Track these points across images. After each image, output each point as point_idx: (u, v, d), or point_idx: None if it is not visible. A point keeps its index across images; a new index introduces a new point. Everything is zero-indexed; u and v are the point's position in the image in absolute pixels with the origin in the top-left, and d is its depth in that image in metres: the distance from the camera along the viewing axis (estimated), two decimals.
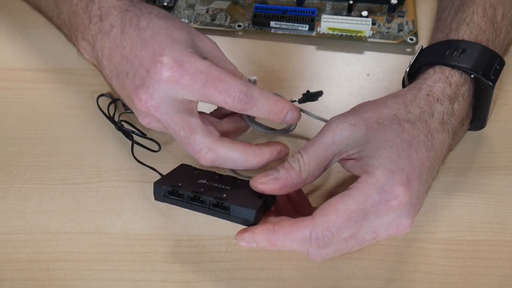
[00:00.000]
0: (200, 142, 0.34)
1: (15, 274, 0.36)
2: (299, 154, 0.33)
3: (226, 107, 0.33)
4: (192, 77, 0.32)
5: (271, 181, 0.32)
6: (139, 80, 0.33)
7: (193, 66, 0.32)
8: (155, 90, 0.32)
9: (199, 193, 0.32)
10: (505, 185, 0.39)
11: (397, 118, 0.33)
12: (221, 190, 0.33)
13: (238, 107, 0.33)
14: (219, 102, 0.33)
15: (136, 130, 0.40)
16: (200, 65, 0.32)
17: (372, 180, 0.30)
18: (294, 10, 0.49)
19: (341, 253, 0.32)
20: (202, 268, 0.36)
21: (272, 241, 0.30)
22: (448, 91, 0.35)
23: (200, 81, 0.32)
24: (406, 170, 0.30)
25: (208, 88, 0.32)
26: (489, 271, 0.35)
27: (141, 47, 0.33)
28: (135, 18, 0.35)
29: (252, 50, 0.49)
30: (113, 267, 0.36)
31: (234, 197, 0.32)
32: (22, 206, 0.39)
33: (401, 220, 0.31)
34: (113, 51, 0.35)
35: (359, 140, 0.32)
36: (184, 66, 0.32)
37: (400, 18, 0.50)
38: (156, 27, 0.34)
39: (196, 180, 0.34)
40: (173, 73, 0.32)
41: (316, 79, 0.47)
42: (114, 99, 0.43)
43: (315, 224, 0.30)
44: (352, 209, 0.29)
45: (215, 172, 0.36)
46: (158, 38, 0.33)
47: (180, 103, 0.33)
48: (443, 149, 0.33)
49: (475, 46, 0.36)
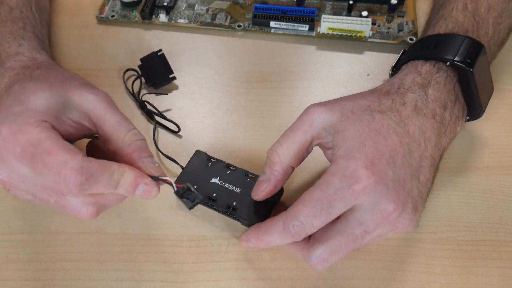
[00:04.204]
0: (75, 202, 0.31)
1: (15, 274, 0.36)
2: (278, 143, 0.34)
3: (58, 187, 0.29)
4: (22, 149, 0.29)
5: (264, 187, 0.34)
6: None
7: (24, 137, 0.29)
8: (1, 162, 0.30)
9: (212, 201, 0.36)
10: (505, 185, 0.39)
11: (369, 109, 0.33)
12: (232, 195, 0.36)
13: (74, 190, 0.29)
14: (50, 179, 0.29)
15: (157, 112, 0.43)
16: (32, 137, 0.29)
17: (334, 168, 0.31)
18: (294, 10, 0.49)
19: (338, 255, 0.32)
20: (202, 268, 0.36)
21: (259, 238, 0.33)
22: (418, 80, 0.35)
23: (29, 153, 0.29)
24: (370, 157, 0.31)
25: (36, 163, 0.29)
26: (489, 271, 0.35)
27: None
28: (16, 81, 0.34)
29: (252, 50, 0.49)
30: (113, 267, 0.36)
31: (243, 205, 0.36)
32: (22, 206, 0.39)
33: (382, 206, 0.30)
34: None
35: (335, 126, 0.33)
36: (16, 137, 0.29)
37: (400, 18, 0.50)
38: (20, 92, 0.32)
39: (209, 178, 0.37)
40: (6, 144, 0.29)
41: (316, 79, 0.47)
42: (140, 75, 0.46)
43: (286, 215, 0.32)
44: (316, 197, 0.30)
45: (227, 164, 0.38)
46: (12, 105, 0.31)
47: (33, 171, 0.30)
48: (426, 133, 0.33)
49: (448, 36, 0.37)
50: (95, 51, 0.49)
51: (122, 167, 0.30)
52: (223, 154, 0.41)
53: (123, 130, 0.32)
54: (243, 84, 0.46)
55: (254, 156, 0.41)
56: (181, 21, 0.51)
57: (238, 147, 0.42)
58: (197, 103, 0.45)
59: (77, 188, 0.29)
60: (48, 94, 0.32)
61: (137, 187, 0.31)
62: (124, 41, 0.50)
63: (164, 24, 0.51)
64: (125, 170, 0.30)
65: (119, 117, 0.33)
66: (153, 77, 0.45)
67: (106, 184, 0.30)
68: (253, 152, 0.42)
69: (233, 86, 0.46)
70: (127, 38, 0.50)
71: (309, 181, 0.40)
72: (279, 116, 0.44)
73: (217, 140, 0.42)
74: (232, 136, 0.43)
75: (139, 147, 0.32)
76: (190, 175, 0.38)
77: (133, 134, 0.32)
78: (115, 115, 0.32)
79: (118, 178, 0.30)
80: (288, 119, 0.43)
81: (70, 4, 0.53)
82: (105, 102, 0.32)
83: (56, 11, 0.53)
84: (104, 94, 0.33)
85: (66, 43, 0.50)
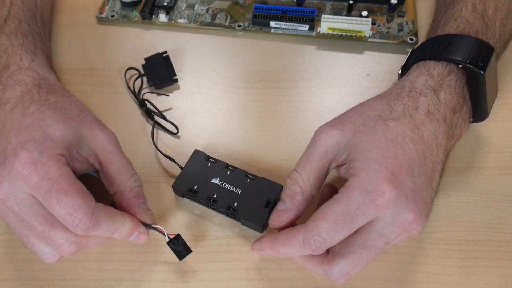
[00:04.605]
0: (60, 237, 0.31)
1: (15, 274, 0.36)
2: (297, 173, 0.33)
3: (65, 224, 0.30)
4: (39, 180, 0.30)
5: (286, 216, 0.33)
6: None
7: (44, 170, 0.30)
8: (5, 179, 0.31)
9: (213, 202, 0.37)
10: (505, 185, 0.39)
11: (381, 118, 0.33)
12: (232, 196, 0.37)
13: (78, 231, 0.30)
14: (59, 215, 0.30)
15: (157, 111, 0.43)
16: (52, 171, 0.30)
17: (355, 182, 0.31)
18: (294, 10, 0.49)
19: (360, 267, 0.32)
20: (202, 268, 0.36)
21: (275, 248, 0.32)
22: (430, 83, 0.35)
23: (46, 187, 0.30)
24: (391, 168, 0.30)
25: (50, 198, 0.30)
26: (489, 271, 0.35)
27: (14, 133, 0.32)
28: (29, 101, 0.34)
29: (252, 50, 0.49)
30: (113, 267, 0.36)
31: (244, 206, 0.36)
32: None
33: (402, 217, 0.30)
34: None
35: (349, 144, 0.32)
36: (36, 167, 0.30)
37: (400, 18, 0.50)
38: (39, 117, 0.33)
39: (209, 178, 0.38)
40: (22, 169, 0.30)
41: (316, 79, 0.47)
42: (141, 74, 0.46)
43: (306, 230, 0.31)
44: (338, 212, 0.30)
45: (226, 165, 0.38)
46: (32, 129, 0.32)
47: (34, 198, 0.31)
48: (438, 139, 0.33)
49: (460, 37, 0.37)
50: (95, 51, 0.49)
51: (124, 217, 0.33)
52: (223, 154, 0.41)
53: (127, 174, 0.34)
54: (243, 84, 0.46)
55: (253, 156, 0.41)
56: (181, 21, 0.51)
57: (237, 147, 0.42)
58: (196, 103, 0.45)
59: (82, 231, 0.30)
60: (67, 126, 0.33)
61: (132, 234, 0.33)
62: (124, 41, 0.50)
63: (164, 24, 0.51)
64: (126, 220, 0.33)
65: (124, 161, 0.35)
66: (155, 77, 0.45)
67: (106, 231, 0.32)
68: (253, 153, 0.41)
69: (233, 86, 0.46)
70: (127, 38, 0.50)
71: None
72: (279, 116, 0.44)
73: (216, 140, 0.42)
74: (231, 136, 0.43)
75: (138, 193, 0.34)
76: (189, 175, 0.38)
77: (134, 180, 0.35)
78: (121, 158, 0.35)
79: (118, 227, 0.32)
80: (288, 119, 0.44)
81: (70, 4, 0.53)
82: (113, 143, 0.35)
83: (56, 10, 0.53)
84: (112, 134, 0.35)
85: (66, 43, 0.50)
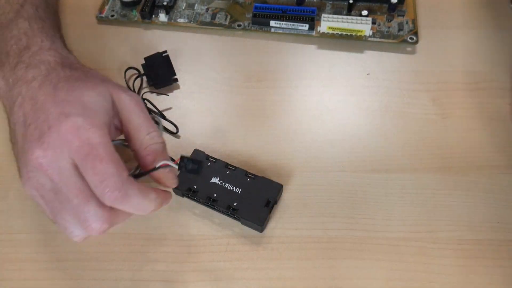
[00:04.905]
0: (94, 212, 0.31)
1: (15, 274, 0.36)
2: None
3: (95, 191, 0.30)
4: (80, 145, 0.30)
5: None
6: (38, 133, 0.32)
7: (86, 135, 0.31)
8: (49, 147, 0.31)
9: (213, 201, 0.37)
10: (506, 184, 0.39)
11: None
12: (232, 196, 0.37)
13: (106, 201, 0.30)
14: (91, 182, 0.30)
15: (157, 111, 0.43)
16: (94, 138, 0.31)
17: None
18: (294, 9, 0.49)
19: None
20: (202, 268, 0.36)
21: None
22: None
23: (84, 152, 0.30)
24: None
25: (86, 163, 0.30)
26: (490, 271, 0.35)
27: (51, 105, 0.33)
28: (56, 78, 0.35)
29: (252, 50, 0.49)
30: (113, 267, 0.36)
31: (243, 206, 0.37)
32: (22, 206, 0.39)
33: None
34: (26, 101, 0.34)
35: None
36: (79, 131, 0.31)
37: (400, 17, 0.50)
38: (71, 89, 0.33)
39: (209, 177, 0.38)
40: (67, 134, 0.31)
41: (316, 79, 0.46)
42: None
43: None
44: None
45: (226, 164, 0.39)
46: (70, 100, 0.33)
47: (74, 169, 0.31)
48: None
49: None
50: (95, 51, 0.49)
51: (157, 193, 0.32)
52: (223, 154, 0.41)
53: (143, 131, 0.33)
54: (243, 83, 0.46)
55: (253, 156, 0.41)
56: (181, 21, 0.51)
57: (237, 147, 0.42)
58: (196, 103, 0.45)
59: (110, 201, 0.30)
60: (97, 92, 0.33)
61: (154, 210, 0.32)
62: (124, 41, 0.50)
63: (164, 23, 0.51)
64: (157, 199, 0.32)
65: (143, 118, 0.34)
66: (155, 77, 0.45)
67: (134, 206, 0.31)
68: (253, 152, 0.41)
69: (233, 85, 0.46)
70: (127, 38, 0.50)
71: (309, 181, 0.40)
72: (279, 115, 0.44)
73: (216, 139, 0.42)
74: (231, 136, 0.43)
75: (154, 151, 0.33)
76: (189, 175, 0.38)
77: (151, 138, 0.33)
78: (141, 116, 0.34)
79: (146, 204, 0.31)
80: (288, 119, 0.44)
81: (70, 4, 0.53)
82: (134, 103, 0.34)
83: None
84: (136, 96, 0.35)
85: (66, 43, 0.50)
